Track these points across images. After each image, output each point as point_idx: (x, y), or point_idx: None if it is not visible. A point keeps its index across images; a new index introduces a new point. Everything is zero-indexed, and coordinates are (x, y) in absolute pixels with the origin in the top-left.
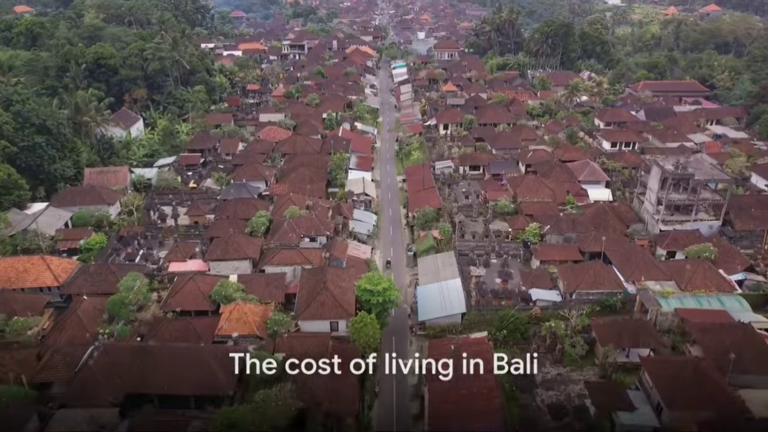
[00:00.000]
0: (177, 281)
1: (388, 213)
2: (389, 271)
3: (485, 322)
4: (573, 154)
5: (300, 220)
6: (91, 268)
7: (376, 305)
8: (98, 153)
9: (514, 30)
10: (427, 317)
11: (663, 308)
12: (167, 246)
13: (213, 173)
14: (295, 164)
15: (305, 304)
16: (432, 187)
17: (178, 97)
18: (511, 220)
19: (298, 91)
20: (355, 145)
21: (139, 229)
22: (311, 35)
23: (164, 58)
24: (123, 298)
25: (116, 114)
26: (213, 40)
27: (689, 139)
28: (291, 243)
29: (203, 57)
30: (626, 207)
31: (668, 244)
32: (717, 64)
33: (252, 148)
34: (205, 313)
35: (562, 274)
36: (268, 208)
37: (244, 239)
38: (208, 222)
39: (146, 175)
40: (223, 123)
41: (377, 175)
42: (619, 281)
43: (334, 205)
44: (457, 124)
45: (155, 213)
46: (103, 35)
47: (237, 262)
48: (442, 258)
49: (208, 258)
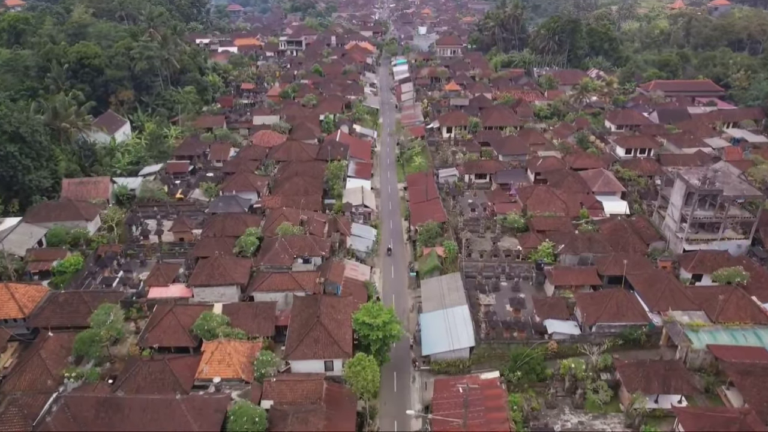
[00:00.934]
0: (156, 312)
1: (389, 226)
2: (390, 258)
3: (496, 357)
4: (585, 161)
5: (293, 239)
6: (60, 296)
7: (376, 341)
8: (79, 161)
9: (519, 25)
10: (432, 351)
11: (694, 345)
12: (149, 265)
13: (201, 183)
14: (289, 173)
15: (297, 340)
16: (435, 197)
17: (167, 98)
18: (521, 237)
19: (295, 91)
20: (353, 150)
21: (119, 247)
22: (309, 30)
23: (153, 57)
24: (93, 336)
25: (101, 117)
26: (208, 35)
27: (706, 143)
28: (283, 265)
29: (195, 55)
30: (645, 222)
31: (694, 266)
32: (732, 62)
33: (244, 155)
34: (186, 350)
35: (581, 302)
36: (258, 223)
37: (231, 262)
38: (194, 238)
39: (130, 185)
40: (214, 126)
41: (377, 183)
42: (643, 311)
43: (330, 219)
44: (461, 127)
45: (138, 228)
46: (87, 33)
47: (223, 288)
48: (447, 280)
49: (191, 283)
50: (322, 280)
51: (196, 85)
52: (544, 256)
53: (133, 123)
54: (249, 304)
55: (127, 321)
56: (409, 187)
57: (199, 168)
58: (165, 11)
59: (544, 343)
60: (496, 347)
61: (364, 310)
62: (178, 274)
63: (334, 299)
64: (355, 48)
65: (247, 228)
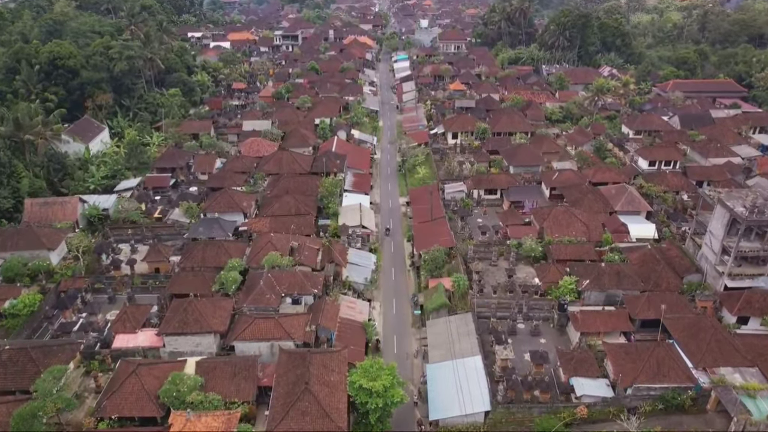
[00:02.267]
0: (117, 373)
1: (390, 249)
2: (389, 238)
3: (516, 424)
4: (605, 174)
5: (281, 274)
6: (4, 354)
7: (376, 410)
8: (47, 176)
9: (526, 19)
10: (441, 416)
11: (754, 417)
12: (119, 302)
13: (182, 202)
14: (279, 190)
15: (282, 411)
16: (442, 217)
17: (151, 102)
18: (539, 268)
19: (289, 91)
20: (351, 160)
21: (85, 282)
22: (306, 23)
23: (133, 57)
24: (35, 410)
25: (76, 124)
26: (201, 28)
27: (734, 152)
28: (269, 307)
29: (183, 53)
30: (677, 250)
31: (740, 307)
32: (756, 60)
33: (231, 167)
34: (152, 420)
35: (613, 357)
36: (243, 251)
37: (209, 305)
38: (171, 268)
39: (102, 204)
40: (201, 131)
41: (376, 196)
42: (686, 369)
43: (324, 247)
44: (468, 133)
45: (108, 257)
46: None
47: (199, 337)
48: (457, 323)
49: (162, 331)
50: (313, 328)
51: (182, 86)
52: (567, 293)
53: (113, 129)
54: (227, 360)
55: (88, 375)
56: (412, 204)
57: (181, 181)
58: (155, 2)
59: (570, 406)
60: (516, 412)
61: (361, 370)
62: (150, 315)
63: (326, 357)
64: (353, 43)
65: (229, 259)
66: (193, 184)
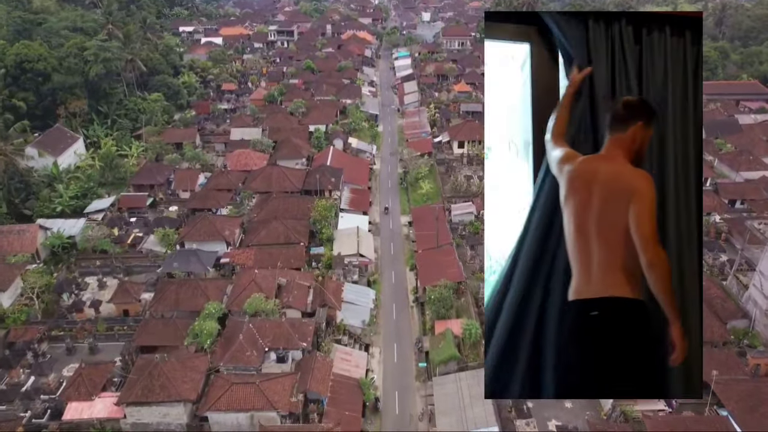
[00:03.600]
0: None
1: (390, 280)
2: (388, 217)
3: None
4: None
5: (264, 324)
6: None
7: None
8: (7, 197)
9: None
10: None
11: None
12: (79, 352)
13: (157, 230)
14: (267, 213)
15: None
16: (449, 244)
17: (131, 107)
18: None
19: (282, 94)
20: (348, 174)
21: (39, 330)
22: (303, 17)
23: (111, 60)
24: None
25: (46, 134)
26: (194, 22)
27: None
28: (249, 366)
29: (168, 52)
30: (718, 289)
31: None
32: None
33: (215, 183)
34: None
35: None
36: (223, 291)
37: (178, 366)
38: (142, 309)
39: (69, 230)
40: (185, 140)
41: (375, 214)
42: None
43: (316, 285)
44: (476, 142)
45: (70, 297)
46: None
47: (166, 407)
48: (468, 381)
49: (122, 400)
50: (300, 398)
51: (166, 89)
52: None
53: (88, 138)
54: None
55: None
56: (416, 225)
57: (160, 200)
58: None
59: None
60: None
61: None
62: (112, 373)
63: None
64: (352, 38)
65: (206, 303)
66: (173, 203)
